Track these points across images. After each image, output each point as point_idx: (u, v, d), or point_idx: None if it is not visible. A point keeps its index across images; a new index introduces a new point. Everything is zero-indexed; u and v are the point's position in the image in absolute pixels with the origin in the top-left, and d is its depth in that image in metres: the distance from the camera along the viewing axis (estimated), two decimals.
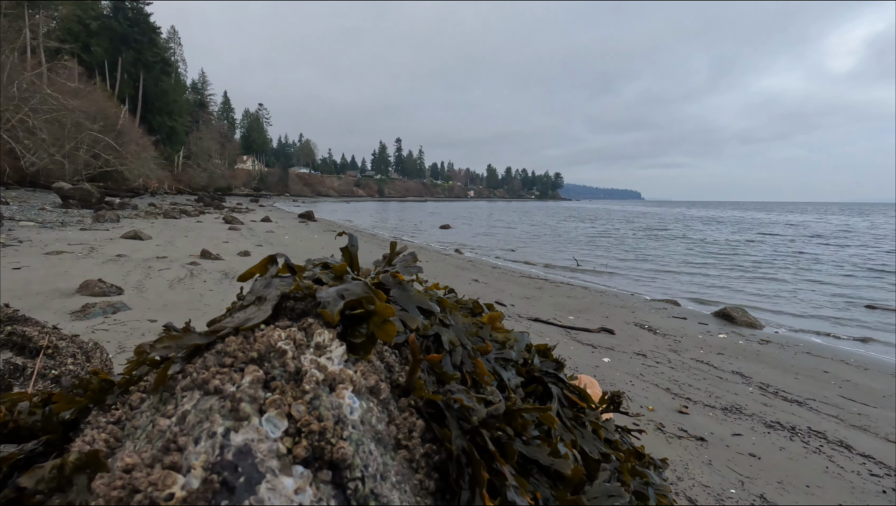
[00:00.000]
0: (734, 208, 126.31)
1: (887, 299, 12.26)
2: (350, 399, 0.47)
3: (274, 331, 0.53)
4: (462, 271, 13.57)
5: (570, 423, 0.75)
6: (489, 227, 39.34)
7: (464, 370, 0.69)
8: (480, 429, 0.52)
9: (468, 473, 0.49)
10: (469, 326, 0.78)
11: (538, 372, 0.83)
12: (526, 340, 0.87)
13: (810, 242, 28.30)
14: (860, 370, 6.59)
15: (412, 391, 0.55)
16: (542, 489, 0.56)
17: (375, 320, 0.55)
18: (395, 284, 0.72)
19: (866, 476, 3.69)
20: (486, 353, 0.74)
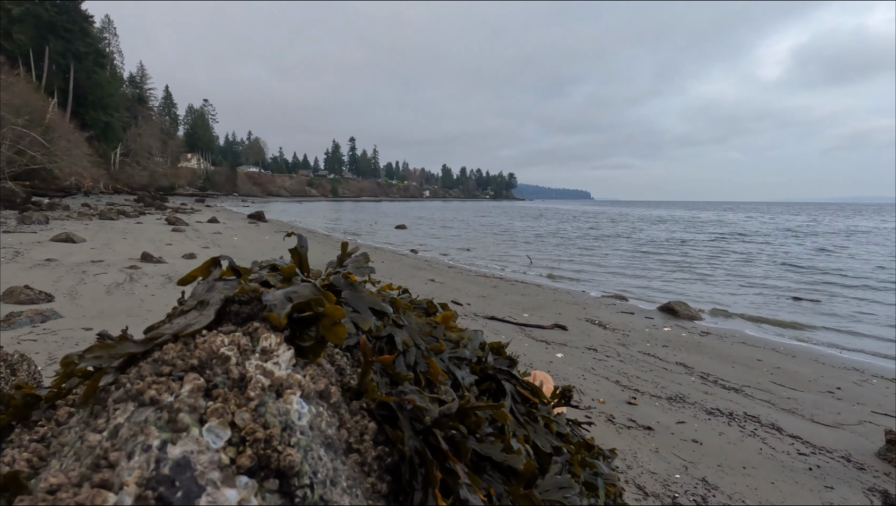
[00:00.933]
0: (676, 207, 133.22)
1: (810, 291, 13.30)
2: (298, 404, 0.46)
3: (216, 337, 0.50)
4: (418, 271, 13.55)
5: (523, 418, 0.76)
6: (445, 227, 39.50)
7: (418, 370, 0.68)
8: (433, 429, 0.52)
9: (421, 473, 0.48)
10: (423, 326, 0.78)
11: (492, 370, 0.84)
12: (480, 338, 0.88)
13: (744, 239, 30.25)
14: (788, 357, 7.11)
15: (364, 394, 0.54)
16: (495, 485, 0.57)
17: (325, 323, 0.54)
18: (347, 285, 0.70)
19: (795, 455, 3.99)
20: (439, 352, 0.74)
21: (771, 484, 3.53)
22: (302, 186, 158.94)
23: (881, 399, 5.49)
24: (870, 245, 27.39)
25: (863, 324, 9.91)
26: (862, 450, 4.08)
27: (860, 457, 3.97)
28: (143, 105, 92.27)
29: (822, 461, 3.89)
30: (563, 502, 0.59)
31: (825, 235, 34.60)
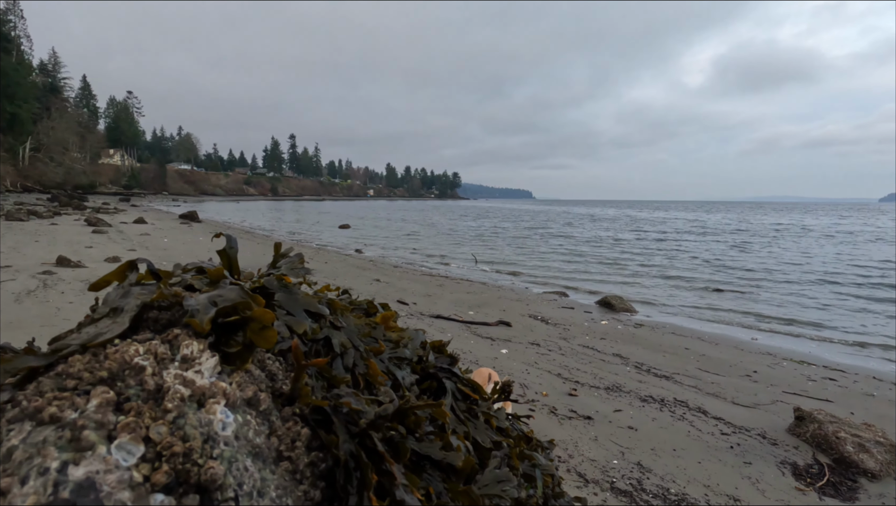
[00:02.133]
0: (612, 206, 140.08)
1: (730, 283, 14.43)
2: (222, 414, 0.43)
3: (130, 346, 0.46)
4: (363, 271, 13.36)
5: (464, 415, 0.77)
6: (390, 226, 39.22)
7: (356, 372, 0.67)
8: (369, 431, 0.51)
9: (356, 477, 0.47)
10: (362, 327, 0.76)
11: (433, 368, 0.84)
12: (421, 337, 0.88)
13: (672, 236, 32.29)
14: (712, 345, 7.66)
15: (297, 399, 0.52)
16: (434, 483, 0.57)
17: (253, 327, 0.51)
18: (281, 287, 0.67)
19: (718, 435, 4.31)
20: (379, 353, 0.73)
21: (698, 464, 3.80)
22: (239, 185, 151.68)
23: (791, 379, 6.04)
24: (785, 241, 30.09)
25: (776, 311, 10.87)
26: (775, 427, 4.48)
27: (773, 433, 4.35)
28: (56, 95, 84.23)
29: (741, 440, 4.23)
30: (502, 495, 0.60)
31: (744, 233, 37.60)
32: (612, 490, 3.40)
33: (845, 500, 3.41)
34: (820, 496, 3.43)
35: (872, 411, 5.07)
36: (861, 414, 4.85)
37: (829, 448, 3.96)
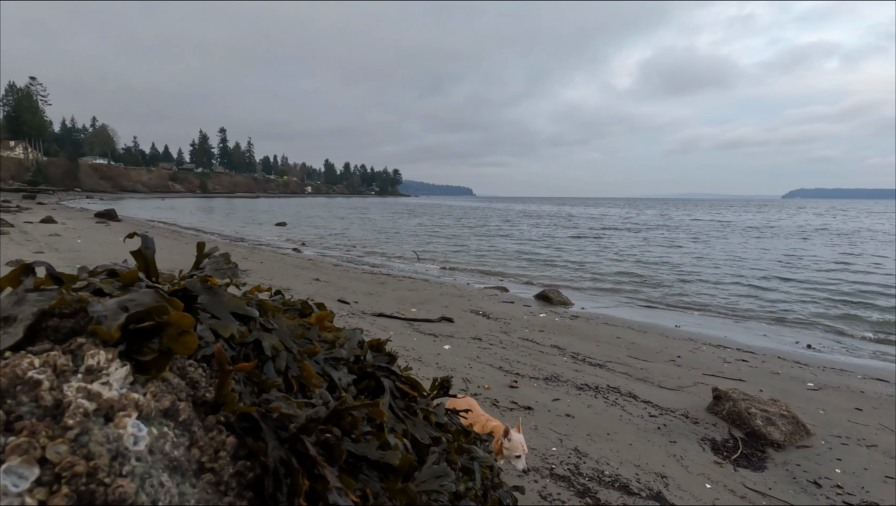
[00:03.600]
0: (549, 203, 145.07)
1: (657, 275, 15.43)
2: (134, 428, 0.40)
3: (23, 358, 0.41)
4: (302, 271, 12.95)
5: (403, 413, 0.76)
6: (329, 223, 38.26)
7: (289, 375, 0.64)
8: (301, 435, 0.49)
9: (286, 484, 0.46)
10: (295, 328, 0.73)
11: (371, 367, 0.82)
12: (358, 337, 0.86)
13: (605, 232, 33.97)
14: (641, 333, 8.15)
15: (222, 407, 0.49)
16: (372, 484, 0.56)
17: (170, 333, 0.47)
18: (204, 289, 0.63)
19: (647, 418, 4.59)
20: (314, 354, 0.71)
21: (629, 445, 4.03)
22: (164, 181, 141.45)
23: (709, 362, 6.55)
24: (705, 234, 32.52)
25: (697, 300, 11.75)
26: (696, 407, 4.84)
27: (695, 413, 4.70)
28: None
29: (667, 420, 4.54)
30: (440, 490, 0.61)
31: (669, 228, 40.23)
32: (551, 476, 3.53)
33: (756, 470, 3.75)
34: (735, 468, 3.75)
35: (778, 387, 5.61)
36: (769, 391, 5.35)
37: (742, 423, 4.34)
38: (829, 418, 4.73)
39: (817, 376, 6.21)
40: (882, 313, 10.55)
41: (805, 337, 8.79)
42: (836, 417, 4.78)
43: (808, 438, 4.25)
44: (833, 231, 36.06)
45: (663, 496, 3.32)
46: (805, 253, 21.68)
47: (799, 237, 30.55)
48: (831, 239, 29.25)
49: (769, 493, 3.41)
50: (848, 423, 4.65)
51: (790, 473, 3.71)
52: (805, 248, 23.95)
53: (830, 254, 21.38)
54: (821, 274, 15.75)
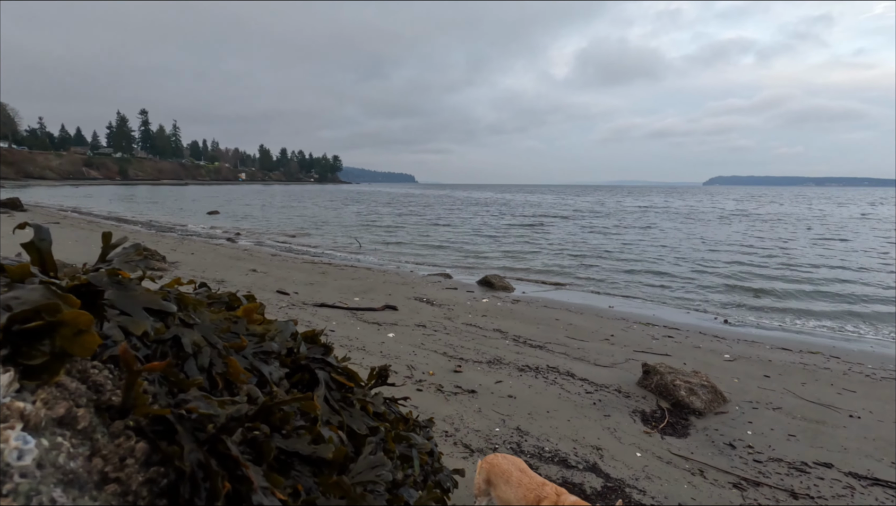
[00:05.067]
0: (490, 190, 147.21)
1: (593, 257, 16.17)
2: (18, 440, 0.35)
3: None
4: (237, 262, 12.36)
5: (339, 404, 0.75)
6: (266, 212, 36.67)
7: (214, 372, 0.60)
8: (221, 436, 0.46)
9: (205, 488, 0.43)
10: (220, 322, 0.69)
11: (305, 360, 0.79)
12: (291, 328, 0.82)
13: (544, 217, 35.04)
14: (578, 315, 8.53)
15: (132, 410, 0.45)
16: (304, 480, 0.54)
17: (65, 333, 0.42)
18: (112, 283, 0.57)
19: (584, 394, 4.83)
20: (241, 349, 0.67)
21: (567, 421, 4.23)
22: (77, 167, 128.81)
23: (639, 340, 6.98)
24: (637, 219, 34.35)
25: (628, 280, 12.44)
26: (628, 382, 5.15)
27: (627, 387, 5.00)
28: None
29: (602, 396, 4.79)
30: (376, 480, 0.60)
31: (603, 214, 42.11)
32: None
33: (680, 436, 4.06)
34: (662, 436, 4.04)
35: (699, 359, 6.08)
36: (691, 363, 5.79)
37: (668, 395, 4.67)
38: (743, 386, 5.20)
39: (732, 348, 6.79)
40: (787, 284, 11.68)
41: (723, 313, 9.56)
42: (748, 384, 5.26)
43: (725, 404, 4.65)
44: (753, 216, 39.30)
45: (599, 467, 3.52)
46: (724, 235, 23.52)
47: (721, 221, 33.07)
48: (752, 223, 31.89)
49: (691, 457, 3.71)
50: (758, 389, 5.13)
51: (709, 437, 4.05)
52: (725, 230, 25.98)
53: (746, 236, 23.33)
54: (738, 254, 17.16)
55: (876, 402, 4.93)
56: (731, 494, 3.27)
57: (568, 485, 3.30)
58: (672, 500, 3.16)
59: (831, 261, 15.88)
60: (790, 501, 3.22)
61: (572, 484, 3.31)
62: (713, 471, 3.54)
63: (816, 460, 3.74)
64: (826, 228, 28.08)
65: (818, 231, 25.98)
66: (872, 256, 16.92)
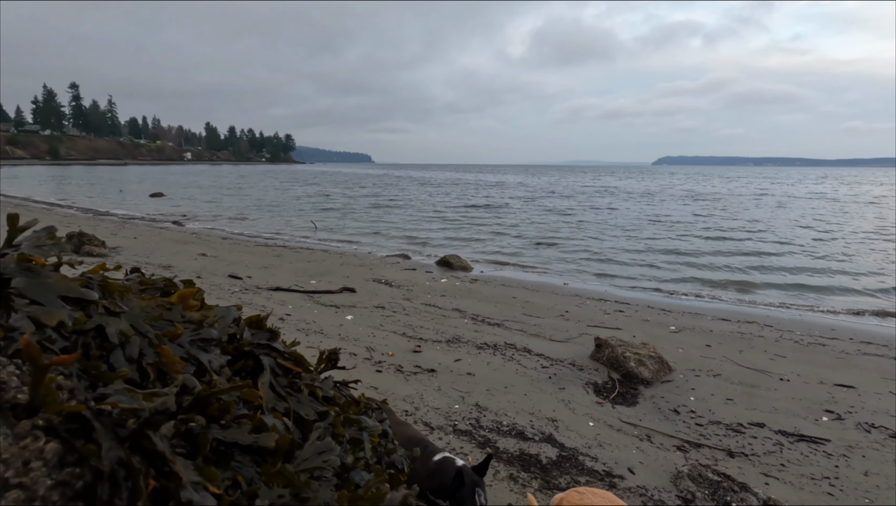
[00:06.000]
0: (447, 170, 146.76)
1: (549, 237, 16.52)
2: None
3: None
4: (185, 246, 11.81)
5: (286, 391, 0.72)
6: (215, 194, 35.03)
7: (144, 363, 0.56)
8: (145, 431, 0.43)
9: (127, 487, 0.40)
10: (152, 309, 0.64)
11: (248, 346, 0.76)
12: (233, 314, 0.78)
13: (502, 198, 35.37)
14: (534, 292, 8.73)
15: (42, 408, 0.41)
16: (245, 470, 0.52)
17: None
18: (21, 270, 0.51)
19: (540, 369, 4.98)
20: (176, 337, 0.63)
21: (524, 396, 4.35)
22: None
23: (592, 315, 7.24)
24: (591, 199, 35.25)
25: (582, 257, 12.83)
26: (582, 355, 5.34)
27: (580, 361, 5.19)
28: None
29: (557, 370, 4.95)
30: (324, 465, 0.58)
31: (560, 195, 42.95)
32: (454, 432, 3.70)
33: (629, 405, 4.27)
34: (613, 406, 4.23)
35: (648, 332, 6.38)
36: (640, 336, 6.07)
37: (619, 366, 4.88)
38: (686, 355, 5.50)
39: (678, 320, 7.17)
40: (729, 257, 12.40)
41: (670, 287, 10.05)
42: (691, 353, 5.58)
43: (671, 373, 4.92)
44: (700, 195, 41.15)
45: (554, 438, 3.65)
46: (673, 213, 24.58)
47: (671, 200, 34.48)
48: (700, 202, 33.41)
49: (640, 424, 3.91)
50: (700, 358, 5.45)
51: (656, 405, 4.28)
52: (673, 208, 27.14)
53: (694, 213, 24.47)
54: (685, 231, 18.00)
55: (803, 365, 5.36)
56: (675, 456, 3.48)
57: (525, 456, 3.42)
58: (622, 465, 3.34)
59: (770, 236, 16.95)
60: (727, 459, 3.47)
61: (529, 455, 3.43)
62: (659, 436, 3.75)
63: (751, 420, 4.03)
64: (769, 204, 29.89)
65: (762, 208, 27.61)
66: (809, 231, 18.17)
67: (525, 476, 3.20)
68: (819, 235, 17.49)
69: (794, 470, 3.37)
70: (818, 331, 7.02)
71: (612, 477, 3.20)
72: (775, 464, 3.43)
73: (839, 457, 3.53)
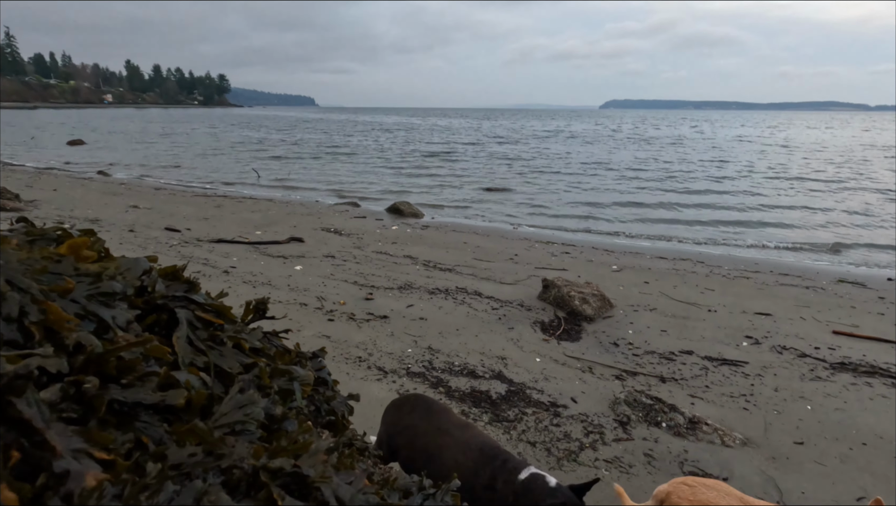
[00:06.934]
0: (396, 114, 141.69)
1: (500, 181, 16.57)
2: None
3: None
4: (114, 198, 10.96)
5: (206, 344, 0.67)
6: (145, 140, 32.27)
7: (26, 322, 0.49)
8: (8, 397, 0.38)
9: None
10: (35, 261, 0.56)
11: (162, 299, 0.69)
12: (143, 265, 0.71)
13: (452, 143, 34.82)
14: (485, 237, 8.83)
15: None
16: (151, 430, 0.48)
17: None
18: None
19: (490, 311, 5.12)
20: (67, 292, 0.56)
21: (475, 337, 4.48)
22: None
23: (540, 257, 7.44)
24: (542, 143, 35.35)
25: (531, 201, 13.02)
26: (530, 296, 5.52)
27: (528, 301, 5.37)
28: None
29: (507, 311, 5.11)
30: (245, 419, 0.55)
31: (511, 140, 42.71)
32: (408, 375, 3.79)
33: (573, 341, 4.51)
34: (558, 342, 4.45)
35: (592, 272, 6.66)
36: (585, 275, 6.32)
37: (564, 305, 5.10)
38: (626, 292, 5.82)
39: (620, 260, 7.52)
40: (664, 194, 12.99)
41: (613, 228, 10.45)
42: (630, 290, 5.90)
43: (612, 309, 5.20)
44: (647, 138, 42.18)
45: (503, 375, 3.82)
46: (620, 156, 25.19)
47: (618, 144, 35.18)
48: (645, 145, 34.28)
49: (583, 357, 4.15)
50: (639, 294, 5.78)
51: (598, 339, 4.54)
52: (620, 152, 27.78)
53: (638, 156, 25.18)
54: (631, 173, 18.55)
55: (729, 297, 5.81)
56: (614, 384, 3.75)
57: (476, 393, 3.57)
58: (565, 395, 3.56)
59: (707, 177, 17.79)
60: (659, 384, 3.77)
61: (480, 392, 3.58)
62: (600, 367, 4.01)
63: (681, 349, 4.37)
64: (710, 149, 31.16)
65: (702, 152, 28.75)
66: (744, 174, 19.18)
67: (476, 411, 3.35)
68: (749, 176, 18.55)
69: (716, 390, 3.72)
70: (744, 265, 7.59)
71: (556, 407, 3.41)
72: (700, 386, 3.77)
73: (755, 377, 3.92)
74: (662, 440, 3.08)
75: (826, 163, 23.10)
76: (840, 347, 4.51)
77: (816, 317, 5.24)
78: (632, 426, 3.21)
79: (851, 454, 3.02)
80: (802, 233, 10.28)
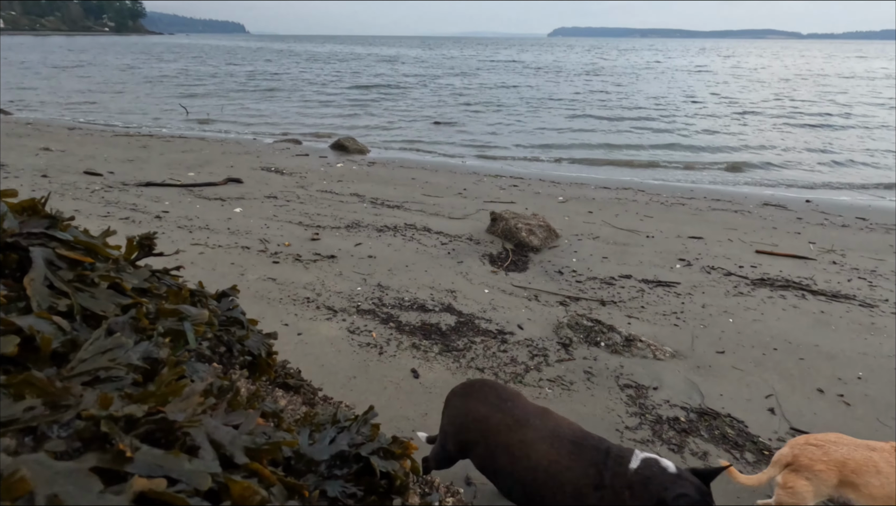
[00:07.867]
0: (335, 42, 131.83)
1: (446, 115, 16.11)
2: None
3: None
4: (19, 140, 9.79)
5: (73, 286, 0.58)
6: (47, 74, 28.55)
7: None
8: None
9: None
10: None
11: (14, 236, 0.59)
12: None
13: (396, 75, 33.16)
14: (433, 172, 8.67)
15: None
16: None
17: None
18: None
19: (439, 246, 5.11)
20: None
21: (425, 272, 4.49)
22: None
23: (489, 191, 7.43)
24: (491, 74, 34.27)
25: (480, 136, 12.80)
26: (479, 230, 5.54)
27: (477, 235, 5.40)
28: None
29: (456, 245, 5.12)
30: (111, 365, 0.49)
31: (461, 74, 41.12)
32: (358, 312, 3.77)
33: (520, 271, 4.61)
34: (506, 273, 4.54)
35: (539, 204, 6.74)
36: (532, 207, 6.39)
37: (512, 237, 5.16)
38: (571, 222, 5.95)
39: (566, 191, 7.63)
40: (613, 123, 13.15)
41: (559, 158, 10.53)
42: (575, 220, 6.04)
43: (557, 239, 5.33)
44: (596, 69, 41.77)
45: (453, 307, 3.88)
46: (571, 87, 24.95)
47: (568, 75, 34.69)
48: (593, 77, 34.00)
49: (529, 286, 4.27)
50: (583, 224, 5.93)
51: (543, 268, 4.66)
52: (570, 82, 27.49)
53: (586, 88, 25.05)
54: (579, 104, 18.49)
55: (665, 223, 6.08)
56: (558, 310, 3.90)
57: (426, 326, 3.61)
58: (512, 323, 3.67)
59: (653, 105, 18.03)
60: (599, 308, 3.96)
61: (430, 325, 3.63)
62: (545, 295, 4.14)
63: (621, 273, 4.58)
64: (658, 79, 31.34)
65: (648, 81, 28.90)
66: (689, 104, 19.54)
67: (426, 343, 3.41)
68: (690, 104, 18.96)
69: (650, 310, 3.95)
70: (680, 193, 7.92)
71: (503, 334, 3.53)
72: (636, 307, 3.99)
73: (685, 295, 4.19)
74: (601, 358, 3.28)
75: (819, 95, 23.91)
76: (761, 264, 4.88)
77: (742, 238, 5.61)
78: (573, 347, 3.38)
79: (764, 359, 3.34)
80: (731, 155, 10.73)
